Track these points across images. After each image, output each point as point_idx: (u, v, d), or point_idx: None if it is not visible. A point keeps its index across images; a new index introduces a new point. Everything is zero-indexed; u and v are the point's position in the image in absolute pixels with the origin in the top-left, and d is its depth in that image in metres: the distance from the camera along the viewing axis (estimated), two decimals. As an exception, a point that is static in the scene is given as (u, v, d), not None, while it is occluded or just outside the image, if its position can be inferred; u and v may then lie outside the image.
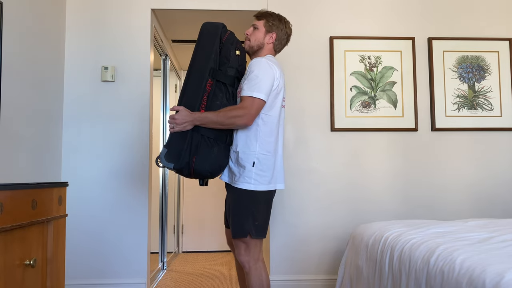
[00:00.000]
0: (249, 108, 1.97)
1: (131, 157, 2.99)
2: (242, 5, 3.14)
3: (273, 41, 2.17)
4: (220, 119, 1.98)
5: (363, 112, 3.10)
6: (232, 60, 2.09)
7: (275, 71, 2.04)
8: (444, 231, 2.00)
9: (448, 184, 3.12)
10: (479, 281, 1.29)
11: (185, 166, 2.01)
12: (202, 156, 2.01)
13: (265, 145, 2.04)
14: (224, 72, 2.07)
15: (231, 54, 2.09)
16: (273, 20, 2.17)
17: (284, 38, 2.20)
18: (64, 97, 3.00)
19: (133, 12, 3.07)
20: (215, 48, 2.07)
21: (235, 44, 2.11)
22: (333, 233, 3.04)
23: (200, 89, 2.04)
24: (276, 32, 2.16)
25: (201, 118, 1.99)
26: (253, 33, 2.18)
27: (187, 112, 1.99)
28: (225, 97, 2.07)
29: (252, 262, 2.03)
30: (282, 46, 2.23)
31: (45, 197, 1.69)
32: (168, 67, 4.06)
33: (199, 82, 2.04)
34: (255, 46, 2.17)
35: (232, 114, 1.97)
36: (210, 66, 2.06)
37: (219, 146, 2.05)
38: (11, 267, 1.45)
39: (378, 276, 2.01)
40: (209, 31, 2.11)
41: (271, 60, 2.09)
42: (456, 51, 3.19)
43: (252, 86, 1.98)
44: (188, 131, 2.02)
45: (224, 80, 2.07)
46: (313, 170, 3.06)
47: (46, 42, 2.73)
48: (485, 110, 3.16)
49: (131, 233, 2.96)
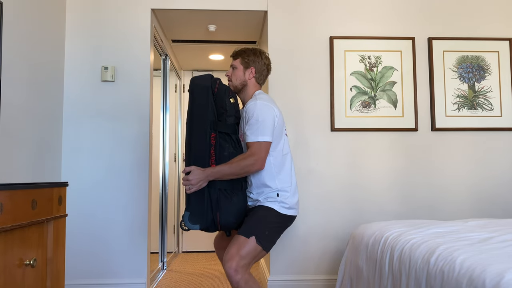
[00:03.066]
0: (258, 153, 2.02)
1: (131, 157, 2.99)
2: (242, 5, 3.14)
3: (254, 75, 2.22)
4: (234, 170, 2.01)
5: (363, 112, 3.10)
6: (229, 109, 2.10)
7: (273, 109, 2.09)
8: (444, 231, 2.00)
9: (448, 184, 3.12)
10: (479, 281, 1.29)
11: (210, 224, 2.04)
12: (225, 210, 2.03)
13: (282, 177, 2.12)
14: (224, 122, 2.09)
15: (227, 103, 2.10)
16: (248, 56, 2.22)
17: (264, 69, 2.25)
18: (64, 97, 3.00)
19: (133, 12, 3.07)
20: (210, 101, 2.09)
21: (227, 92, 2.12)
22: (333, 233, 3.04)
23: (206, 144, 2.06)
24: (254, 66, 2.21)
25: (214, 173, 2.01)
26: (233, 73, 2.24)
27: (199, 170, 2.00)
28: (232, 146, 2.10)
29: (240, 275, 1.91)
30: (265, 77, 2.28)
31: (45, 197, 1.69)
32: (168, 67, 4.06)
33: (203, 138, 2.06)
34: (238, 85, 2.23)
35: (244, 163, 2.01)
36: (210, 120, 2.07)
37: (238, 195, 2.09)
38: (11, 267, 1.45)
39: (378, 276, 2.01)
40: (200, 85, 2.11)
41: (265, 99, 2.13)
42: (456, 51, 3.19)
43: (255, 131, 2.03)
44: (204, 189, 2.04)
45: (226, 130, 2.09)
46: (313, 170, 3.06)
47: (46, 42, 2.73)
48: (485, 110, 3.16)
49: (131, 233, 2.96)
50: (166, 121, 4.13)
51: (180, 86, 4.91)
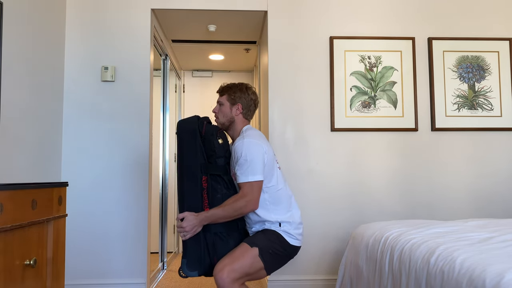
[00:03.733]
0: (250, 193, 1.97)
1: (131, 157, 2.99)
2: (242, 5, 3.14)
3: (241, 111, 2.17)
4: (227, 213, 1.97)
5: (363, 112, 3.10)
6: (218, 150, 2.07)
7: (261, 146, 2.04)
8: (444, 231, 2.00)
9: (448, 184, 3.12)
10: (479, 281, 1.29)
11: (208, 269, 2.01)
12: (222, 254, 2.00)
13: (280, 211, 2.07)
14: (214, 164, 2.07)
15: (215, 144, 2.07)
16: (234, 93, 2.17)
17: (251, 104, 2.20)
18: (64, 97, 3.00)
19: (133, 12, 3.07)
20: (198, 144, 2.06)
21: (215, 133, 2.09)
22: (333, 233, 3.04)
23: (197, 188, 2.04)
24: (240, 102, 2.16)
25: (208, 217, 1.97)
26: (219, 110, 2.20)
27: (193, 216, 1.97)
28: (224, 187, 2.07)
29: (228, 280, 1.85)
30: (253, 112, 2.23)
31: (45, 197, 1.69)
32: (168, 67, 4.06)
33: (194, 182, 2.04)
34: (226, 122, 2.18)
35: (237, 206, 1.96)
36: (200, 163, 2.05)
37: (234, 237, 2.06)
38: (11, 267, 1.45)
39: (378, 276, 2.01)
40: (187, 129, 2.09)
41: (253, 136, 2.08)
42: (456, 51, 3.19)
43: (245, 171, 1.98)
44: (200, 235, 2.01)
45: (217, 172, 2.06)
46: (313, 170, 3.06)
47: (46, 42, 2.73)
48: (485, 110, 3.16)
49: (131, 233, 2.96)
50: (166, 121, 4.13)
51: (180, 86, 4.91)
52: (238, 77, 5.12)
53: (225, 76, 5.12)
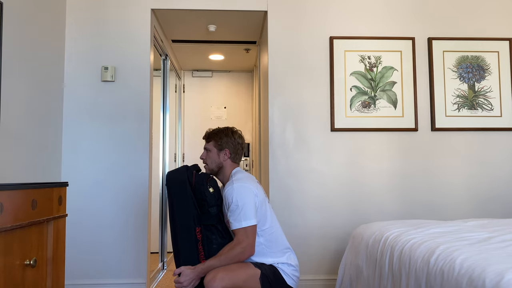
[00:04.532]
0: (245, 240, 1.96)
1: (131, 157, 2.99)
2: (242, 5, 3.14)
3: (229, 156, 2.16)
4: (224, 263, 1.95)
5: (363, 112, 3.10)
6: (210, 200, 2.06)
7: (250, 190, 2.02)
8: (444, 231, 2.00)
9: (448, 184, 3.12)
10: (479, 281, 1.29)
11: None
12: None
13: (277, 253, 2.06)
14: (206, 214, 2.06)
15: (206, 194, 2.06)
16: (220, 138, 2.16)
17: (239, 148, 2.19)
18: (64, 97, 3.00)
19: (133, 12, 3.07)
20: (189, 195, 2.05)
21: (205, 183, 2.08)
22: (333, 233, 3.04)
23: (192, 241, 2.03)
24: (228, 147, 2.16)
25: (204, 269, 1.95)
26: (207, 156, 2.19)
27: (189, 270, 1.95)
28: (219, 237, 2.06)
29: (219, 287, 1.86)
30: (240, 155, 2.22)
31: (45, 197, 1.69)
32: (168, 67, 4.06)
33: (188, 235, 2.03)
34: (215, 168, 2.18)
35: (233, 254, 1.95)
36: (192, 214, 2.04)
37: None
38: (11, 267, 1.45)
39: (378, 276, 2.01)
40: (177, 180, 2.08)
41: (241, 178, 2.07)
42: (456, 51, 3.19)
43: (237, 217, 1.97)
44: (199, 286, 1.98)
45: (211, 222, 2.05)
46: (313, 170, 3.06)
47: (46, 42, 2.73)
48: (485, 110, 3.16)
49: (131, 233, 2.96)
50: (166, 121, 4.13)
51: (180, 86, 4.91)
52: (238, 77, 5.12)
53: (225, 76, 5.12)
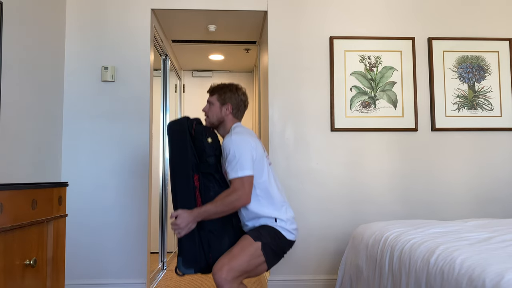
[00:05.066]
0: (241, 188, 1.99)
1: (131, 157, 2.99)
2: (242, 5, 3.14)
3: (231, 111, 2.19)
4: (220, 208, 1.98)
5: (363, 112, 3.10)
6: (208, 149, 2.09)
7: (249, 142, 2.05)
8: (444, 231, 2.00)
9: (448, 184, 3.12)
10: (479, 281, 1.29)
11: (204, 266, 2.03)
12: (217, 251, 2.02)
13: (275, 205, 2.08)
14: (205, 163, 2.09)
15: (205, 144, 2.09)
16: (224, 93, 2.19)
17: (241, 104, 2.22)
18: (64, 97, 3.00)
19: (133, 12, 3.07)
20: (188, 144, 2.09)
21: (204, 133, 2.12)
22: (333, 233, 3.04)
23: (190, 187, 2.06)
24: (230, 102, 2.19)
25: (201, 213, 1.99)
26: (209, 109, 2.22)
27: (186, 214, 1.99)
28: (217, 185, 2.09)
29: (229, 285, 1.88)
30: (242, 112, 2.25)
31: (45, 197, 1.69)
32: (168, 67, 4.06)
33: (187, 181, 2.06)
34: (215, 122, 2.21)
35: (228, 200, 1.98)
36: (191, 162, 2.07)
37: (229, 233, 2.08)
38: (11, 267, 1.45)
39: (378, 276, 2.01)
40: (177, 130, 2.11)
41: (241, 132, 2.10)
42: (456, 51, 3.19)
43: (234, 167, 2.00)
44: (194, 232, 2.02)
45: (209, 171, 2.08)
46: (313, 170, 3.06)
47: (46, 42, 2.73)
48: (485, 110, 3.16)
49: (131, 233, 2.96)
50: (166, 121, 4.13)
51: (180, 86, 4.91)
52: (238, 77, 5.12)
53: (225, 76, 5.12)
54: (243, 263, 1.91)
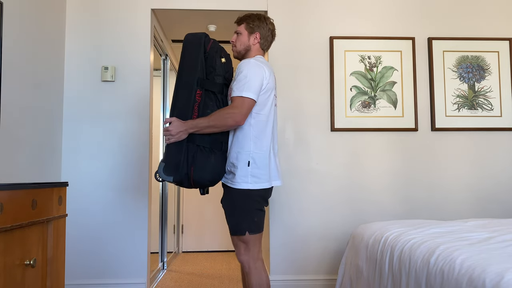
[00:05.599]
0: (239, 107, 1.99)
1: (131, 157, 2.99)
2: (242, 5, 3.14)
3: (259, 41, 2.19)
4: (212, 122, 2.00)
5: (363, 112, 3.10)
6: (218, 68, 2.10)
7: (264, 70, 2.06)
8: (444, 231, 2.00)
9: (448, 184, 3.12)
10: (479, 281, 1.29)
11: (184, 178, 2.03)
12: (200, 166, 2.03)
13: (259, 144, 2.07)
14: (211, 80, 2.09)
15: (217, 62, 2.10)
16: (252, 21, 2.18)
17: (269, 34, 2.21)
18: (64, 97, 3.00)
19: (133, 12, 3.07)
20: (200, 58, 2.08)
21: (219, 52, 2.12)
22: (333, 233, 3.04)
23: (190, 100, 2.06)
24: (259, 31, 2.18)
25: (194, 125, 2.01)
26: (237, 39, 2.22)
27: (180, 122, 2.01)
28: (216, 105, 2.09)
29: (252, 262, 2.04)
30: (269, 43, 2.24)
31: (45, 197, 1.69)
32: (168, 67, 4.06)
33: (189, 93, 2.06)
34: (242, 50, 2.21)
35: (222, 113, 1.99)
36: (198, 77, 2.07)
37: (216, 154, 2.07)
38: (11, 267, 1.45)
39: (378, 276, 2.01)
40: (192, 42, 2.11)
41: (260, 60, 2.11)
42: (456, 51, 3.19)
43: (241, 86, 2.00)
44: (183, 143, 2.03)
45: (212, 89, 2.08)
46: (313, 170, 3.06)
47: (46, 42, 2.73)
48: (485, 110, 3.16)
49: (131, 233, 2.96)
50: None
51: (180, 86, 4.90)
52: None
53: (225, 76, 5.11)
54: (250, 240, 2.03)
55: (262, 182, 2.05)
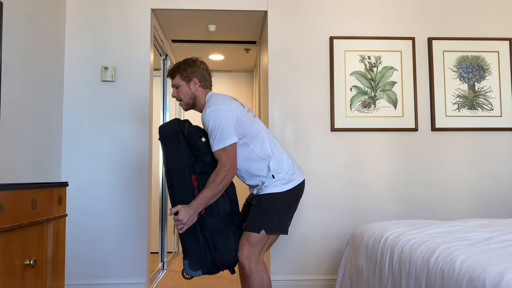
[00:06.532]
0: (226, 161, 2.00)
1: (131, 157, 2.99)
2: (242, 5, 3.14)
3: (199, 85, 2.17)
4: (214, 190, 1.99)
5: (363, 112, 3.10)
6: (203, 148, 2.08)
7: (224, 110, 2.03)
8: (444, 231, 2.00)
9: (448, 184, 3.12)
10: (479, 281, 1.29)
11: (212, 266, 2.04)
12: (223, 249, 2.03)
13: (272, 162, 2.10)
14: (201, 162, 2.08)
15: (199, 143, 2.08)
16: (185, 70, 2.16)
17: (205, 74, 2.20)
18: (64, 97, 3.00)
19: (133, 12, 3.07)
20: (182, 145, 2.07)
21: (197, 132, 2.11)
22: (333, 233, 3.04)
23: (188, 187, 2.05)
24: (195, 76, 2.16)
25: (199, 203, 1.99)
26: (178, 92, 2.20)
27: (186, 208, 1.98)
28: None
29: (253, 264, 2.03)
30: (210, 81, 2.23)
31: (45, 197, 1.69)
32: (168, 67, 4.06)
33: (185, 181, 2.05)
34: (189, 101, 2.19)
35: (219, 179, 1.99)
36: (187, 164, 2.05)
37: (232, 230, 2.08)
38: (11, 267, 1.45)
39: (378, 276, 2.01)
40: (170, 132, 2.09)
41: (214, 103, 2.08)
42: (456, 51, 3.19)
43: (215, 139, 2.01)
44: (197, 233, 2.02)
45: (205, 170, 2.08)
46: (313, 170, 3.06)
47: (46, 42, 2.73)
48: (485, 110, 3.16)
49: (131, 233, 2.96)
50: (166, 121, 4.13)
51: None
52: (238, 77, 5.12)
53: (225, 76, 5.12)
54: (261, 239, 2.04)
55: (291, 182, 2.12)
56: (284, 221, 2.11)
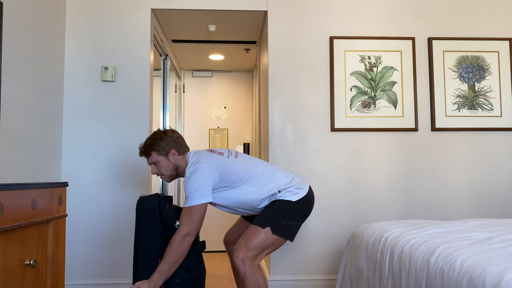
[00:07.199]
0: (185, 224, 1.94)
1: (131, 157, 2.99)
2: (242, 5, 3.14)
3: (177, 153, 2.15)
4: (170, 260, 1.91)
5: (363, 112, 3.10)
6: None
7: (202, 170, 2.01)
8: (444, 231, 2.00)
9: (448, 184, 3.12)
10: (479, 281, 1.29)
11: None
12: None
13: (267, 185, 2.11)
14: None
15: (175, 227, 2.06)
16: (158, 146, 2.13)
17: (179, 140, 2.18)
18: (64, 97, 3.00)
19: (133, 12, 3.07)
20: (156, 226, 2.02)
21: (174, 218, 2.07)
22: (333, 233, 3.04)
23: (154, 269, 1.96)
24: (171, 147, 2.14)
25: (158, 276, 1.91)
26: (158, 167, 2.16)
27: (146, 284, 1.90)
28: (185, 272, 2.03)
29: (248, 266, 1.98)
30: (185, 145, 2.21)
31: (45, 197, 1.69)
32: (168, 67, 4.06)
33: (151, 265, 1.99)
34: (172, 172, 2.17)
35: (173, 248, 1.91)
36: (158, 247, 2.01)
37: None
38: (11, 267, 1.45)
39: (378, 276, 2.01)
40: (148, 210, 2.05)
41: (195, 158, 2.08)
42: (456, 51, 3.19)
43: (187, 197, 1.97)
44: None
45: None
46: (313, 170, 3.06)
47: (46, 42, 2.73)
48: (485, 110, 3.16)
49: (131, 233, 2.95)
50: (166, 121, 4.13)
51: (180, 86, 4.91)
52: (238, 77, 5.12)
53: (225, 76, 5.12)
54: (261, 241, 2.00)
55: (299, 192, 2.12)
56: (291, 227, 2.09)
